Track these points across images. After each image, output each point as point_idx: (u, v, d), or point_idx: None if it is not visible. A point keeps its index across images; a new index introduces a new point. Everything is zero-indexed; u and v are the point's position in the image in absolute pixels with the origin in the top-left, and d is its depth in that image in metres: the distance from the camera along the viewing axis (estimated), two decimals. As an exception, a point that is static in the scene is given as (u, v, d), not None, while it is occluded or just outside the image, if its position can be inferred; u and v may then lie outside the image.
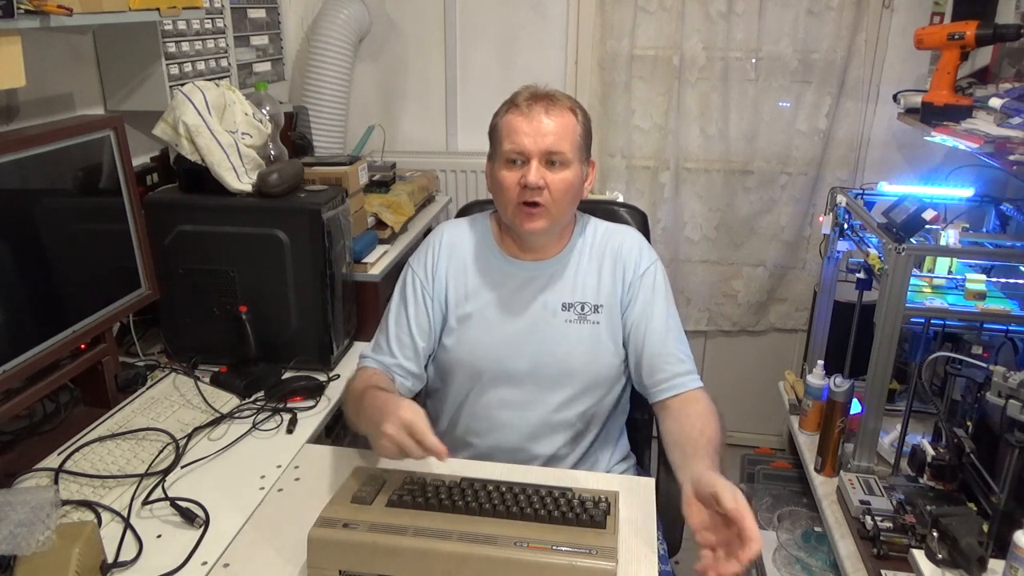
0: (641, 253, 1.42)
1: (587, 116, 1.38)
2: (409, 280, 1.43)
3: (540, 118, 1.29)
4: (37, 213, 1.30)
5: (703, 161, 2.59)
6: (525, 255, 1.41)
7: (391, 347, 1.39)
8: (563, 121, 1.31)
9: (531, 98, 1.32)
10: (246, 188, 1.60)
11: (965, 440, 1.39)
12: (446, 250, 1.43)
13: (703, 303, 2.78)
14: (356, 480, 1.12)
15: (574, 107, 1.35)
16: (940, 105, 1.83)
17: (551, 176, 1.30)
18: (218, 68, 1.94)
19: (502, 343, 1.38)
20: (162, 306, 1.63)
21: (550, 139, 1.29)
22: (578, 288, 1.39)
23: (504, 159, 1.32)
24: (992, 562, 1.21)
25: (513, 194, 1.31)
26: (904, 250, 1.47)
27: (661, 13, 2.45)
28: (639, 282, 1.38)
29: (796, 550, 1.84)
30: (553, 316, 1.38)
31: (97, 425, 1.39)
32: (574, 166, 1.32)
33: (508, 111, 1.33)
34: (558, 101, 1.33)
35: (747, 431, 2.90)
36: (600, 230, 1.45)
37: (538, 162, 1.29)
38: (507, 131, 1.32)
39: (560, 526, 1.01)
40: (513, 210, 1.33)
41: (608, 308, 1.38)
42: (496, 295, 1.40)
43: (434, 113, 2.71)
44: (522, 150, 1.29)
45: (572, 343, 1.37)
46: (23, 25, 1.15)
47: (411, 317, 1.40)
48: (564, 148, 1.30)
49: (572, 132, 1.32)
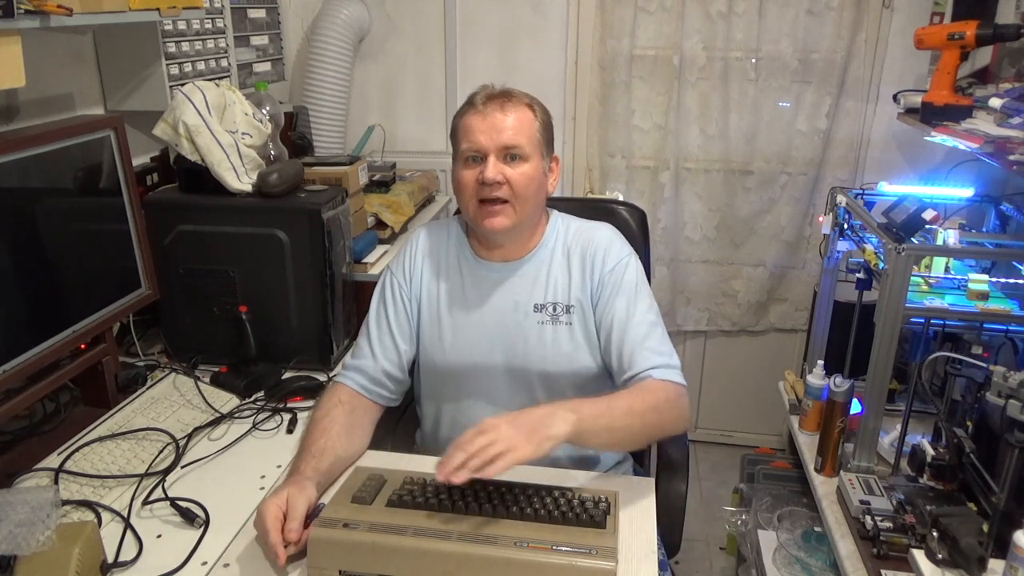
0: (609, 250, 1.38)
1: (546, 113, 1.37)
2: (388, 283, 1.42)
3: (495, 115, 1.29)
4: (37, 213, 1.30)
5: (703, 161, 2.60)
6: (494, 255, 1.39)
7: (373, 351, 1.38)
8: (519, 116, 1.30)
9: (487, 97, 1.32)
10: (246, 188, 1.60)
11: (965, 440, 1.38)
12: (422, 252, 1.43)
13: (703, 303, 2.78)
14: (356, 480, 1.12)
15: (532, 103, 1.34)
16: (940, 105, 1.83)
17: (510, 171, 1.29)
18: (218, 68, 1.94)
19: (474, 346, 1.37)
20: (162, 306, 1.63)
21: (507, 134, 1.28)
22: (550, 289, 1.37)
23: (463, 159, 1.32)
24: (992, 562, 1.21)
25: (472, 191, 1.30)
26: (904, 250, 1.47)
27: (661, 13, 2.45)
28: (608, 278, 1.35)
29: (796, 550, 1.83)
30: (525, 318, 1.37)
31: (97, 425, 1.39)
32: (533, 160, 1.31)
33: (466, 112, 1.33)
34: (514, 98, 1.32)
35: (747, 431, 2.90)
36: (572, 228, 1.42)
37: (495, 158, 1.28)
38: (464, 131, 1.31)
39: (560, 526, 1.01)
40: (474, 209, 1.31)
41: (580, 308, 1.36)
42: (468, 297, 1.39)
43: (434, 113, 2.71)
44: (479, 148, 1.29)
45: (547, 345, 1.36)
46: (23, 25, 1.15)
47: (391, 320, 1.39)
48: (521, 142, 1.29)
49: (529, 126, 1.31)
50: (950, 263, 1.71)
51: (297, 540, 1.02)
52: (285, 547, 1.01)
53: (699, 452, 2.90)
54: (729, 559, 2.35)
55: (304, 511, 1.05)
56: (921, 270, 1.69)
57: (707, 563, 2.39)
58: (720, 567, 2.37)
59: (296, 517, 1.04)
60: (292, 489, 1.07)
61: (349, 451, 1.26)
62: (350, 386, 1.35)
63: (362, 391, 1.35)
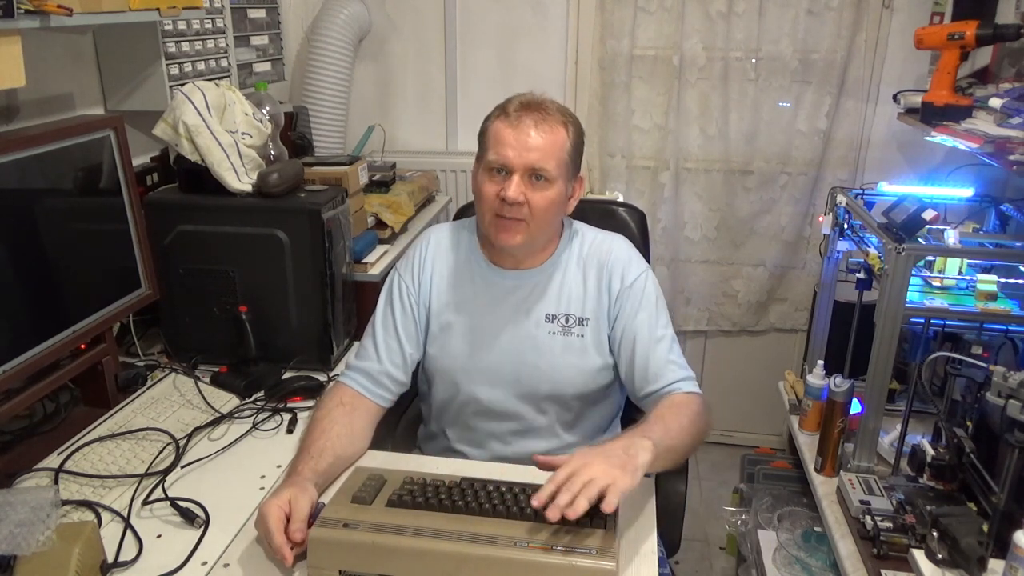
0: (628, 265, 1.37)
1: (580, 130, 1.33)
2: (396, 285, 1.41)
3: (528, 131, 1.25)
4: (37, 213, 1.30)
5: (703, 161, 2.60)
6: (506, 262, 1.38)
7: (379, 353, 1.37)
8: (552, 138, 1.26)
9: (522, 107, 1.27)
10: (246, 188, 1.60)
11: (965, 440, 1.38)
12: (432, 255, 1.41)
13: (703, 303, 2.78)
14: (356, 480, 1.12)
15: (566, 121, 1.29)
16: (940, 105, 1.83)
17: (532, 193, 1.26)
18: (218, 68, 1.94)
19: (483, 352, 1.37)
20: (162, 306, 1.63)
21: (535, 155, 1.24)
22: (563, 300, 1.36)
23: (487, 167, 1.29)
24: (992, 562, 1.21)
25: (492, 205, 1.28)
26: (904, 250, 1.47)
27: (661, 13, 2.45)
28: (627, 294, 1.35)
29: (796, 550, 1.83)
30: (536, 327, 1.36)
31: (97, 425, 1.39)
32: (558, 184, 1.28)
33: (498, 117, 1.29)
34: (549, 115, 1.27)
35: (747, 431, 2.90)
36: (588, 239, 1.41)
37: (520, 176, 1.25)
38: (494, 140, 1.27)
39: (560, 526, 1.00)
40: (490, 220, 1.30)
41: (594, 321, 1.36)
42: (478, 303, 1.38)
43: (434, 113, 2.71)
44: (505, 162, 1.25)
45: (556, 355, 1.35)
46: (23, 25, 1.15)
47: (398, 323, 1.38)
48: (549, 166, 1.25)
49: (560, 149, 1.27)
50: (963, 266, 1.70)
51: (302, 541, 1.02)
52: (291, 549, 1.01)
53: (699, 452, 2.87)
54: (729, 559, 2.35)
55: (308, 511, 1.05)
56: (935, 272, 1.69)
57: (707, 563, 2.39)
58: (720, 567, 2.37)
59: (300, 518, 1.03)
60: (294, 491, 1.07)
61: (349, 452, 1.26)
62: (353, 387, 1.35)
63: (365, 392, 1.34)
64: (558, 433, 1.39)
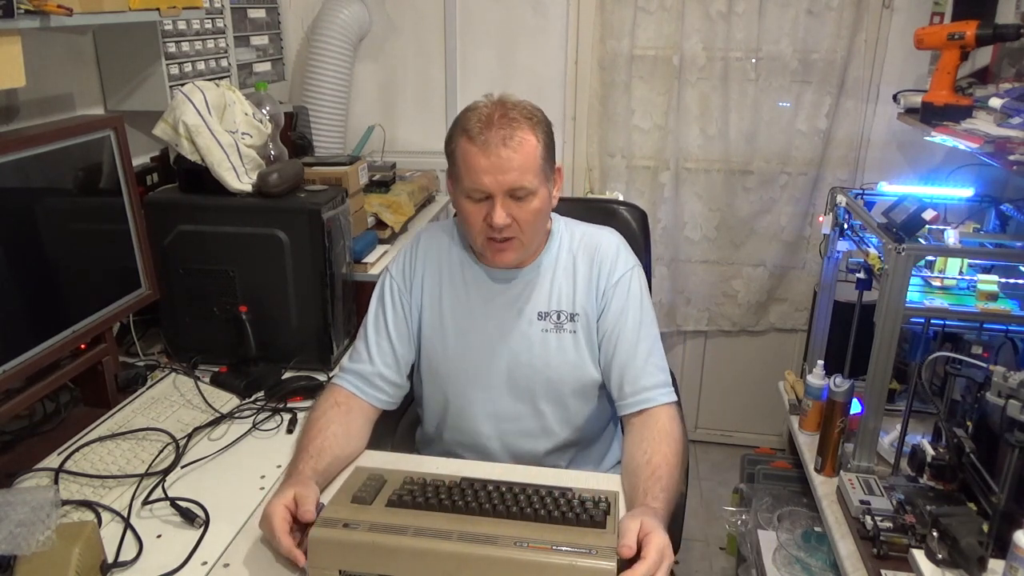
0: (616, 260, 1.36)
1: (547, 126, 1.28)
2: (387, 286, 1.41)
3: (499, 152, 1.19)
4: (37, 213, 1.30)
5: (703, 161, 2.60)
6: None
7: (371, 354, 1.37)
8: (524, 150, 1.21)
9: (484, 126, 1.21)
10: (246, 188, 1.60)
11: (965, 440, 1.38)
12: (423, 256, 1.41)
13: (703, 303, 2.78)
14: (356, 480, 1.12)
15: (533, 122, 1.24)
16: (940, 105, 1.83)
17: (518, 210, 1.24)
18: (218, 68, 1.94)
19: (476, 352, 1.37)
20: (162, 306, 1.63)
21: (512, 176, 1.21)
22: (553, 297, 1.36)
23: (465, 194, 1.25)
24: (992, 562, 1.21)
25: (479, 228, 1.27)
26: (904, 250, 1.47)
27: (661, 13, 2.45)
28: (613, 290, 1.34)
29: (796, 550, 1.83)
30: (529, 325, 1.36)
31: (97, 425, 1.39)
32: (540, 192, 1.25)
33: (462, 138, 1.23)
34: (515, 123, 1.21)
35: (747, 431, 2.90)
36: (577, 234, 1.40)
37: (502, 199, 1.22)
38: (465, 166, 1.23)
39: (560, 526, 1.01)
40: (482, 243, 1.29)
41: (584, 316, 1.35)
42: (470, 303, 1.38)
43: (434, 113, 2.71)
44: (484, 190, 1.22)
45: (551, 353, 1.35)
46: (23, 25, 1.15)
47: (390, 324, 1.38)
48: (528, 181, 1.22)
49: (534, 159, 1.23)
50: (964, 266, 1.70)
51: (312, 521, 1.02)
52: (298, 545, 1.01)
53: (699, 452, 2.90)
54: (729, 559, 2.35)
55: (315, 501, 1.06)
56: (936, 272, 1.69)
57: (707, 563, 2.39)
58: (720, 567, 2.37)
59: (308, 508, 1.04)
60: (298, 488, 1.07)
61: (346, 451, 1.26)
62: (346, 388, 1.34)
63: (359, 393, 1.34)
64: (555, 431, 1.39)
